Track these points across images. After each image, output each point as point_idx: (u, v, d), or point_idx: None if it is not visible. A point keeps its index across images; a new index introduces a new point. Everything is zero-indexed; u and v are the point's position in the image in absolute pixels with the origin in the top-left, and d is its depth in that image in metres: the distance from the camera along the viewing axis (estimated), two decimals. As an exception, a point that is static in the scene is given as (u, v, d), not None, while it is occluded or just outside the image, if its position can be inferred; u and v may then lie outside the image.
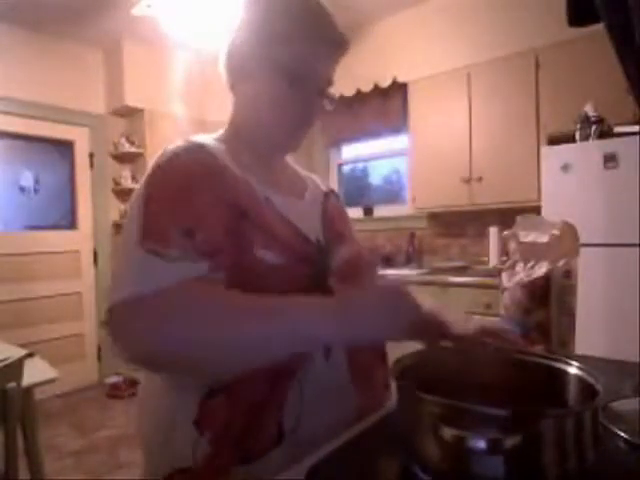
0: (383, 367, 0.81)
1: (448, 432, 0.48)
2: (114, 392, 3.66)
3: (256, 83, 0.76)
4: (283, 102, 0.75)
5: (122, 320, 0.58)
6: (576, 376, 0.60)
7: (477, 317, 0.84)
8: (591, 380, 0.56)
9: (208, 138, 0.77)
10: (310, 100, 0.76)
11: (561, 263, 0.91)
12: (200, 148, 0.71)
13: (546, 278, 0.91)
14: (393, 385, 0.65)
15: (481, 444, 0.46)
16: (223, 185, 0.68)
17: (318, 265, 0.74)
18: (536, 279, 0.92)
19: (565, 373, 0.62)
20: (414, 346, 0.72)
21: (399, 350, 0.66)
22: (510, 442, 0.46)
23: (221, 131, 0.82)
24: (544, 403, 0.59)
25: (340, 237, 0.83)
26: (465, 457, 0.47)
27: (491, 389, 0.62)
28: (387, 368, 0.80)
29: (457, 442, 0.48)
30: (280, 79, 0.74)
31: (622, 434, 0.61)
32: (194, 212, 0.63)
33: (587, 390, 0.56)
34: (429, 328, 0.77)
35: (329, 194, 0.92)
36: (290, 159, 0.93)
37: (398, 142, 3.82)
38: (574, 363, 0.61)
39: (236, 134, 0.80)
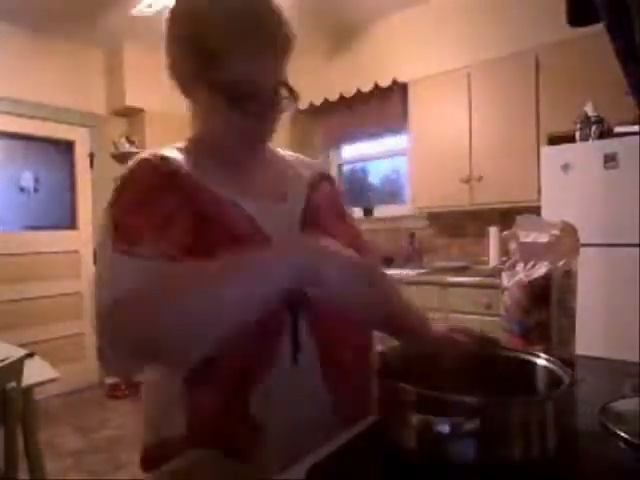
0: (366, 363, 0.78)
1: (417, 417, 0.52)
2: (114, 392, 3.66)
3: (197, 100, 0.76)
4: (227, 119, 0.73)
5: (102, 325, 0.63)
6: (544, 367, 0.64)
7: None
8: (559, 371, 0.60)
9: (172, 149, 0.77)
10: (257, 111, 0.72)
11: (561, 263, 0.91)
12: (162, 159, 0.72)
13: (546, 278, 0.91)
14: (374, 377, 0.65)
15: (445, 428, 0.50)
16: (185, 192, 0.69)
17: None
18: (536, 279, 0.92)
19: (534, 365, 0.66)
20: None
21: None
22: (471, 426, 0.49)
23: (186, 140, 0.82)
24: (515, 393, 0.61)
25: (329, 230, 0.78)
26: (433, 440, 0.51)
27: (465, 380, 0.66)
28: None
29: (425, 426, 0.52)
30: (218, 99, 0.70)
31: (622, 434, 0.61)
32: (153, 221, 0.65)
33: (554, 380, 0.60)
34: (408, 326, 0.79)
35: (316, 184, 0.86)
36: (278, 153, 0.90)
37: (398, 142, 3.82)
38: (542, 356, 0.66)
39: (197, 143, 0.80)
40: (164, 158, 0.72)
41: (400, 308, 0.82)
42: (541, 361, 0.66)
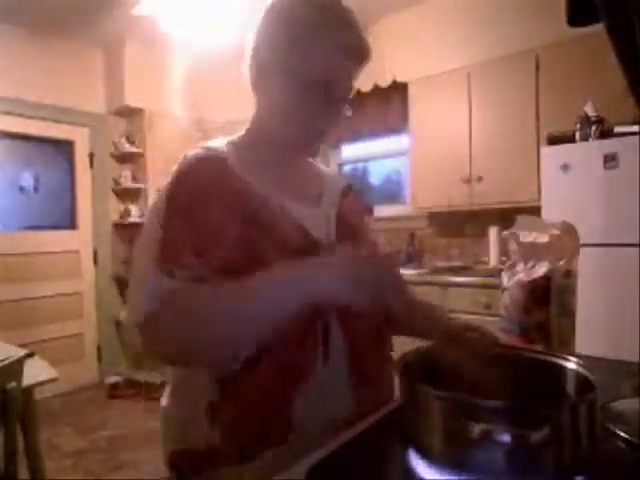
0: (386, 365, 0.83)
1: (442, 420, 0.51)
2: (114, 392, 3.66)
3: (274, 88, 0.77)
4: (298, 108, 0.76)
5: (149, 335, 0.67)
6: (573, 370, 0.62)
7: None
8: (587, 374, 0.59)
9: (223, 142, 0.79)
10: (327, 107, 0.76)
11: (561, 263, 0.91)
12: (210, 159, 0.74)
13: (546, 278, 0.91)
14: (396, 379, 0.66)
15: (475, 433, 0.47)
16: (232, 196, 0.71)
17: None
18: (536, 279, 0.92)
19: (562, 368, 0.64)
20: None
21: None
22: (502, 432, 0.47)
23: (238, 135, 0.84)
24: (542, 396, 0.60)
25: (354, 238, 0.85)
26: (461, 445, 0.49)
27: (491, 383, 0.64)
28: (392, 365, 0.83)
29: (453, 431, 0.50)
30: (295, 86, 0.74)
31: (622, 434, 0.61)
32: (205, 234, 0.68)
33: (583, 384, 0.58)
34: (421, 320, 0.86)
35: (347, 192, 0.91)
36: (313, 161, 0.95)
37: (398, 142, 3.82)
38: (571, 359, 0.63)
39: (256, 135, 0.82)
40: (213, 156, 0.74)
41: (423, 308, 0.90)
42: (569, 364, 0.64)
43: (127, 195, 4.21)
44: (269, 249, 0.70)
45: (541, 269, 0.92)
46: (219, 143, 0.79)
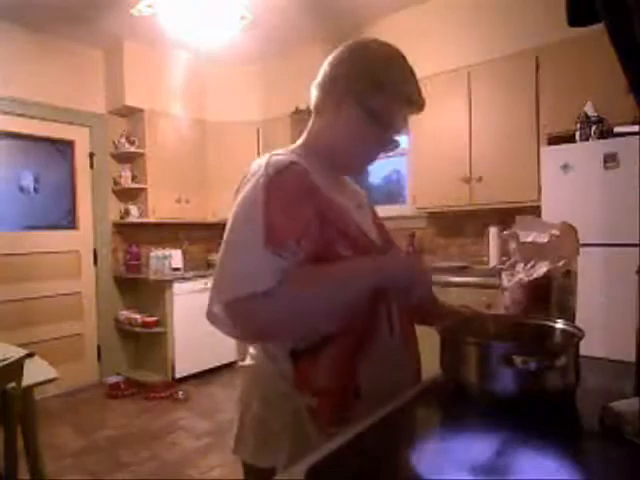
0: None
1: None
2: (114, 392, 3.66)
3: (344, 115, 0.90)
4: (362, 136, 0.90)
5: (247, 312, 0.76)
6: (560, 328, 0.83)
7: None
8: (572, 329, 0.80)
9: (293, 154, 0.90)
10: (382, 139, 0.92)
11: (561, 263, 0.91)
12: (296, 165, 0.85)
13: (547, 278, 0.91)
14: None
15: (500, 361, 0.69)
16: (315, 199, 0.85)
17: None
18: (537, 279, 0.92)
19: (553, 327, 0.84)
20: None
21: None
22: (519, 360, 0.68)
23: (296, 146, 0.95)
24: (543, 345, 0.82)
25: (389, 240, 1.05)
26: (488, 372, 0.72)
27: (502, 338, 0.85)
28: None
29: (483, 363, 0.73)
30: (364, 119, 0.88)
31: (622, 434, 0.61)
32: (300, 225, 0.81)
33: (569, 334, 0.80)
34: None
35: (370, 204, 1.09)
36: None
37: (398, 142, 3.81)
38: (558, 321, 0.84)
39: (315, 152, 0.93)
40: (296, 163, 0.86)
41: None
42: (553, 323, 0.85)
43: (127, 195, 4.21)
44: (340, 245, 0.85)
45: (541, 269, 0.92)
46: (289, 150, 0.92)
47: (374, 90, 0.87)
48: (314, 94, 0.93)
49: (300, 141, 0.96)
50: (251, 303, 0.74)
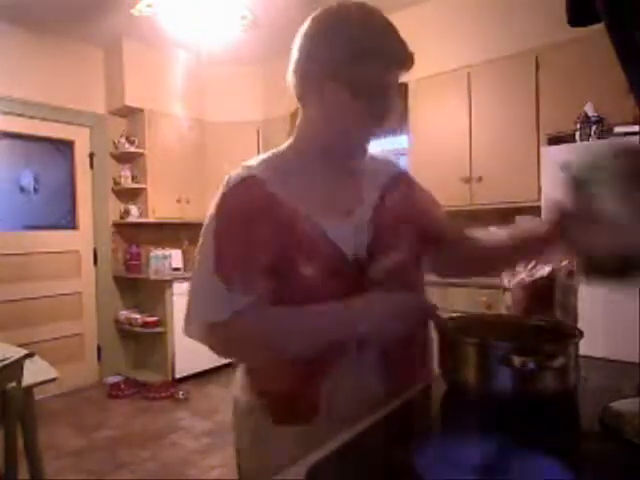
0: (418, 355, 0.93)
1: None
2: (114, 392, 3.66)
3: (324, 97, 0.81)
4: (354, 115, 0.82)
5: (209, 339, 0.80)
6: (559, 329, 0.82)
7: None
8: (571, 330, 0.77)
9: (263, 162, 0.84)
10: (377, 111, 0.83)
11: (564, 264, 0.91)
12: (250, 181, 0.80)
13: (549, 278, 0.91)
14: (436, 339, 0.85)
15: (498, 360, 0.68)
16: (270, 214, 0.79)
17: (352, 279, 0.83)
18: (539, 279, 0.92)
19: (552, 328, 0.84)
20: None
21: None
22: (518, 361, 0.67)
23: (282, 147, 0.89)
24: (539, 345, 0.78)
25: (389, 246, 0.87)
26: (487, 372, 0.71)
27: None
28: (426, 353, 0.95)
29: (482, 363, 0.72)
30: (346, 93, 0.80)
31: (622, 434, 0.61)
32: (252, 250, 0.78)
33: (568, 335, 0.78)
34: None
35: (389, 189, 0.92)
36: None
37: (398, 142, 3.81)
38: (558, 321, 0.86)
39: (303, 145, 0.87)
40: (254, 178, 0.81)
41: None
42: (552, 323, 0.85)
43: (127, 195, 4.21)
44: (303, 264, 0.79)
45: (544, 269, 0.92)
46: (262, 158, 0.86)
47: (355, 62, 0.78)
48: (291, 82, 0.85)
49: (289, 141, 0.89)
50: (211, 331, 0.79)
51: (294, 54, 0.83)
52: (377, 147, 4.04)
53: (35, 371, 1.59)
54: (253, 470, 0.91)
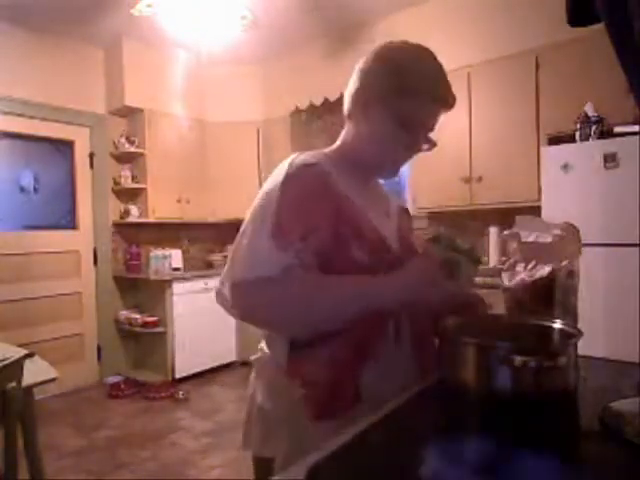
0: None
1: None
2: (114, 392, 3.66)
3: (373, 121, 0.93)
4: (393, 140, 0.93)
5: (249, 293, 0.81)
6: (558, 329, 0.79)
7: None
8: (570, 329, 0.75)
9: (321, 155, 0.94)
10: (413, 141, 0.94)
11: (564, 263, 0.91)
12: (316, 166, 0.89)
13: (550, 278, 0.91)
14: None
15: (499, 360, 0.66)
16: (333, 199, 0.87)
17: (391, 268, 0.90)
18: (539, 279, 0.92)
19: (551, 328, 0.82)
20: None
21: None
22: (516, 361, 0.65)
23: (330, 150, 0.99)
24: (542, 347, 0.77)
25: (411, 249, 1.01)
26: (487, 372, 0.68)
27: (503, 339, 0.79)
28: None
29: (482, 364, 0.69)
30: (394, 123, 0.90)
31: (622, 434, 0.61)
32: (307, 225, 0.84)
33: (568, 333, 0.76)
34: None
35: (402, 212, 1.09)
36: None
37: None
38: (557, 321, 0.81)
39: (345, 156, 0.97)
40: (317, 165, 0.89)
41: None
42: (551, 323, 0.82)
43: (127, 195, 4.21)
44: (353, 246, 0.87)
45: (544, 269, 0.92)
46: (313, 154, 0.94)
47: (401, 96, 0.88)
48: (346, 103, 0.97)
49: (335, 145, 1.00)
50: (254, 285, 0.80)
51: (351, 81, 0.96)
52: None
53: (35, 371, 1.59)
54: None
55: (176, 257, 4.26)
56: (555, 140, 2.70)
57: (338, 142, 1.01)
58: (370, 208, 0.95)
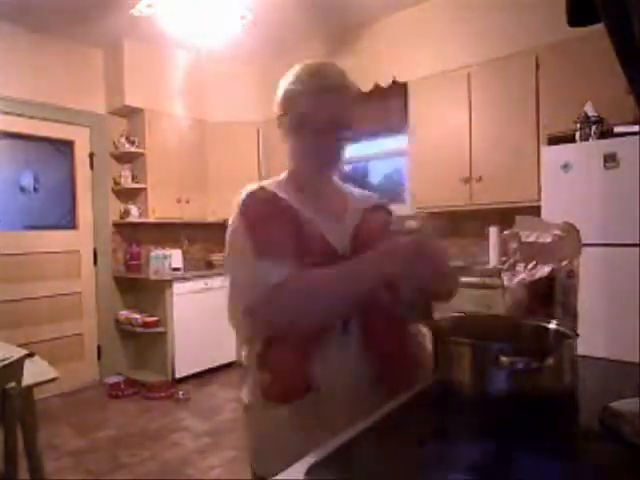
0: (406, 345, 1.02)
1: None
2: (114, 392, 3.66)
3: (290, 139, 1.04)
4: (301, 152, 1.04)
5: (266, 300, 0.87)
6: (554, 329, 0.81)
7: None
8: (566, 331, 0.77)
9: (269, 181, 1.06)
10: (321, 138, 0.99)
11: (564, 263, 0.91)
12: (261, 189, 1.01)
13: (550, 278, 0.91)
14: (429, 337, 0.88)
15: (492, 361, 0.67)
16: (283, 212, 0.97)
17: None
18: (539, 279, 0.92)
19: (547, 328, 0.83)
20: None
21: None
22: (508, 361, 0.66)
23: (281, 178, 1.09)
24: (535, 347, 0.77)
25: (368, 248, 0.97)
26: (479, 373, 0.70)
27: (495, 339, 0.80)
28: (412, 337, 1.04)
29: (473, 364, 0.71)
30: (298, 132, 1.00)
31: (622, 434, 0.61)
32: (278, 240, 0.93)
33: (563, 334, 0.78)
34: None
35: (373, 210, 1.12)
36: (346, 188, 1.18)
37: (398, 142, 3.82)
38: (554, 322, 0.82)
39: (291, 172, 1.08)
40: (262, 188, 1.01)
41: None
42: (547, 324, 0.83)
43: (127, 195, 4.21)
44: (302, 252, 0.93)
45: (544, 269, 0.92)
46: (264, 181, 1.06)
47: (292, 105, 0.99)
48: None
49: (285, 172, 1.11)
50: (266, 296, 0.87)
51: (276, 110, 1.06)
52: (377, 148, 4.02)
53: (35, 371, 1.59)
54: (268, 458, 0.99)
55: (176, 257, 4.25)
56: (555, 140, 2.70)
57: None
58: (318, 216, 1.01)
